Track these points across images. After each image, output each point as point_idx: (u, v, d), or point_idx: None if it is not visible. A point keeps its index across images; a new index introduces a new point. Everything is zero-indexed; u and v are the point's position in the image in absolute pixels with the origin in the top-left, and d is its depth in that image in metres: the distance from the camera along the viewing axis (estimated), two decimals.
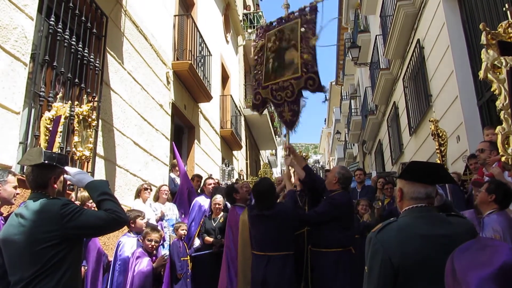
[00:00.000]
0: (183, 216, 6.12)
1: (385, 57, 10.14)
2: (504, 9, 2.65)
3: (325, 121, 43.26)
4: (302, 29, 4.39)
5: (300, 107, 4.38)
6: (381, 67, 11.29)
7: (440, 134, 4.92)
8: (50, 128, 3.39)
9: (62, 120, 3.46)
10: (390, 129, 12.02)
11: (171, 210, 5.87)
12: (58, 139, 3.43)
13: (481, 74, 2.39)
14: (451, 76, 6.54)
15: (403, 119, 10.08)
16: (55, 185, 2.29)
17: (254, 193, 4.01)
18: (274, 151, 26.50)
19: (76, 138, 3.91)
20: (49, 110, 3.68)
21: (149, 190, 5.60)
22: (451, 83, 6.58)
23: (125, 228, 4.38)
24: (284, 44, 4.55)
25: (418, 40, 8.11)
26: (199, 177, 7.12)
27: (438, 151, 4.86)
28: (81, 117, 3.96)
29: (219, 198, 5.60)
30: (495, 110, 2.60)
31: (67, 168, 2.34)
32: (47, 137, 3.36)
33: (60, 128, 3.44)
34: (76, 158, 3.94)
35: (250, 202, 4.98)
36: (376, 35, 11.86)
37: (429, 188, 1.95)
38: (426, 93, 7.86)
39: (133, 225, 4.26)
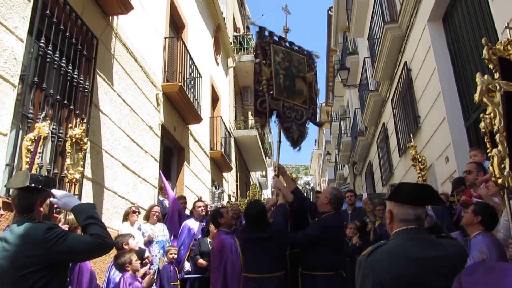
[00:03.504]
0: (172, 238, 6.04)
1: (374, 79, 10.29)
2: (504, 26, 2.73)
3: (315, 142, 43.51)
4: (311, 72, 4.64)
5: (306, 131, 4.54)
6: (370, 89, 11.45)
7: (420, 159, 5.00)
8: (32, 149, 3.36)
9: (42, 140, 3.43)
10: (379, 150, 12.11)
11: (162, 231, 5.79)
12: (37, 160, 3.39)
13: (476, 97, 2.44)
14: (439, 98, 6.65)
15: (393, 140, 10.17)
16: (41, 209, 2.26)
17: (246, 217, 4.00)
18: (264, 172, 26.46)
19: (68, 161, 3.88)
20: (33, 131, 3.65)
21: (137, 213, 5.53)
22: (438, 105, 6.69)
23: (114, 252, 4.31)
24: (293, 70, 4.69)
25: (406, 62, 8.26)
26: (183, 198, 7.06)
27: (419, 176, 4.93)
28: (74, 139, 3.94)
29: None
30: None
31: (53, 191, 2.31)
32: (27, 159, 3.33)
33: (40, 149, 3.41)
34: (67, 181, 3.90)
35: (237, 226, 4.95)
36: (364, 57, 12.06)
37: (418, 209, 1.95)
38: (414, 114, 7.97)
39: (126, 247, 4.26)
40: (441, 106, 6.52)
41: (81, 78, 5.15)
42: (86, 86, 5.24)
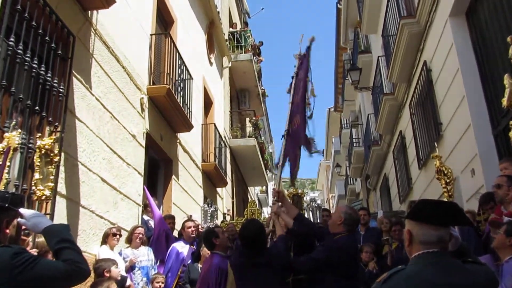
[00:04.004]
0: (158, 263, 6.00)
1: (389, 80, 10.33)
2: None
3: (323, 153, 43.52)
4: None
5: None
6: (384, 92, 11.49)
7: (446, 172, 4.99)
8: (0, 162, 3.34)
9: (11, 152, 3.42)
10: (396, 161, 12.12)
11: (146, 255, 5.76)
12: (6, 174, 3.37)
13: (504, 101, 2.44)
14: (463, 102, 6.67)
15: (411, 151, 10.18)
16: (7, 230, 2.24)
17: (241, 238, 3.97)
18: (264, 187, 26.43)
19: (36, 175, 3.85)
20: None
21: (118, 235, 5.50)
22: (462, 110, 6.71)
23: (90, 279, 4.27)
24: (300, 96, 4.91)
25: (425, 62, 8.31)
26: (171, 218, 7.05)
27: (445, 190, 4.91)
28: (43, 151, 3.91)
29: None
30: None
31: (21, 210, 2.30)
32: None
33: (9, 162, 3.39)
34: (35, 198, 3.88)
35: (232, 249, 4.93)
36: (378, 56, 12.13)
37: (441, 230, 1.94)
38: (435, 121, 7.99)
39: (107, 275, 4.25)
40: (466, 112, 6.54)
41: (55, 81, 5.16)
42: (61, 90, 5.24)
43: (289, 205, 4.47)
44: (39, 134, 4.83)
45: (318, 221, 8.11)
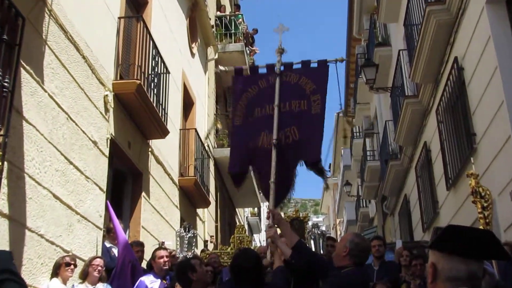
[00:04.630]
0: None
1: (412, 80, 10.40)
2: None
3: (329, 167, 43.54)
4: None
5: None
6: (406, 94, 11.56)
7: (483, 194, 5.02)
8: None
9: None
10: (420, 180, 12.17)
11: None
12: None
13: None
14: (501, 108, 6.73)
15: (438, 167, 10.23)
16: None
17: (234, 271, 3.96)
18: (256, 209, 26.42)
19: None
20: None
21: (72, 266, 5.46)
22: (501, 118, 6.76)
23: None
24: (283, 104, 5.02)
25: (456, 58, 8.38)
26: (139, 245, 7.01)
27: (481, 216, 4.94)
28: None
29: None
30: None
31: None
32: None
33: None
34: None
35: (215, 286, 4.91)
36: (399, 50, 12.22)
37: (473, 264, 1.95)
38: (468, 131, 8.04)
39: None
40: (505, 120, 6.59)
41: None
42: (5, 84, 5.23)
43: (288, 230, 4.46)
44: None
45: (322, 252, 8.11)
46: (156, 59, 9.20)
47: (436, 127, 9.93)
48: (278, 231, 4.44)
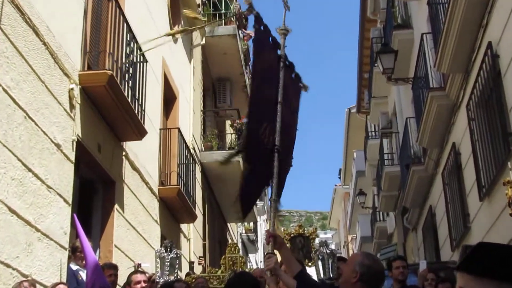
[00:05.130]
0: None
1: (438, 70, 10.40)
2: None
3: (339, 173, 43.50)
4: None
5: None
6: (431, 86, 11.57)
7: None
8: None
9: None
10: (447, 188, 12.17)
11: None
12: None
13: None
14: None
15: (469, 173, 10.24)
16: None
17: None
18: (252, 224, 26.42)
19: None
20: None
21: None
22: None
23: None
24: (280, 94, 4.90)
25: (490, 43, 8.40)
26: (112, 268, 7.01)
27: None
28: None
29: None
30: None
31: None
32: None
33: None
34: None
35: None
36: (422, 34, 12.21)
37: None
38: (504, 130, 8.06)
39: None
40: None
41: None
42: None
43: (288, 256, 4.47)
44: None
45: (331, 275, 8.13)
46: (131, 46, 9.20)
47: (467, 126, 9.92)
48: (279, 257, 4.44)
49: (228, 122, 19.23)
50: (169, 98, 13.02)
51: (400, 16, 15.35)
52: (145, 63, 9.80)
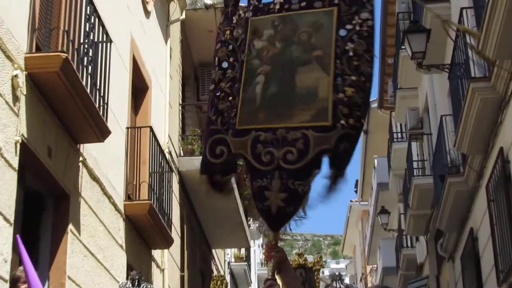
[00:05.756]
0: None
1: (481, 57, 10.42)
2: None
3: (355, 185, 43.49)
4: (343, 33, 4.70)
5: (309, 188, 4.52)
6: (473, 76, 11.60)
7: None
8: None
9: None
10: (494, 206, 12.18)
11: None
12: None
13: None
14: None
15: None
16: None
17: None
18: (243, 251, 26.41)
19: None
20: None
21: None
22: None
23: None
24: (294, 51, 4.82)
25: None
26: None
27: None
28: None
29: None
30: None
31: None
32: None
33: None
34: None
35: None
36: (461, 8, 12.26)
37: None
38: None
39: None
40: None
41: None
42: None
43: (293, 278, 4.52)
44: None
45: None
46: (92, 21, 9.20)
47: None
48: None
49: None
50: (139, 88, 13.03)
51: None
52: (109, 43, 9.80)
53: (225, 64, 4.91)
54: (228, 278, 22.37)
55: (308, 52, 4.79)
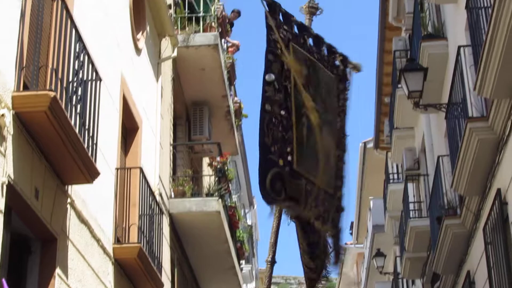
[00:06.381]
0: None
1: (479, 93, 10.43)
2: None
3: (350, 227, 43.46)
4: (340, 103, 4.97)
5: (330, 255, 4.75)
6: (470, 115, 11.61)
7: None
8: None
9: None
10: (491, 249, 12.14)
11: None
12: None
13: None
14: None
15: None
16: None
17: None
18: None
19: None
20: None
21: None
22: None
23: None
24: (320, 105, 4.94)
25: None
26: None
27: None
28: None
29: None
30: None
31: None
32: None
33: None
34: None
35: None
36: (459, 46, 12.32)
37: None
38: None
39: None
40: None
41: None
42: None
43: None
44: None
45: None
46: (81, 59, 9.19)
47: None
48: None
49: (206, 160, 19.21)
50: (129, 128, 13.02)
51: (431, 23, 15.50)
52: (98, 82, 9.78)
53: (271, 77, 4.92)
54: None
55: (326, 111, 4.98)
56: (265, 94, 4.88)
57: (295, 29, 5.14)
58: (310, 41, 5.24)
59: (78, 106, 9.07)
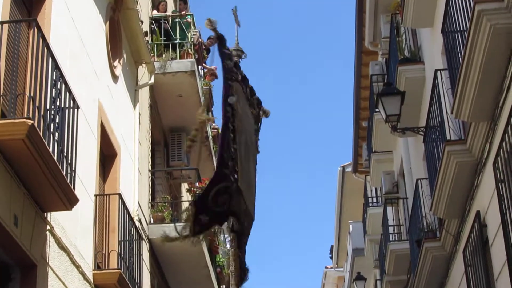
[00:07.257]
0: None
1: (457, 117, 10.50)
2: None
3: (330, 251, 43.30)
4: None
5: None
6: (448, 138, 11.68)
7: None
8: None
9: None
10: (471, 271, 12.17)
11: None
12: None
13: None
14: None
15: (498, 251, 10.27)
16: None
17: None
18: None
19: None
20: None
21: None
22: None
23: None
24: (249, 137, 5.20)
25: None
26: None
27: None
28: None
29: None
30: None
31: None
32: None
33: None
34: None
35: None
36: (436, 70, 12.35)
37: None
38: None
39: None
40: None
41: None
42: None
43: None
44: None
45: None
46: (58, 86, 9.22)
47: (495, 189, 10.00)
48: None
49: (184, 186, 19.17)
50: (108, 155, 13.01)
51: (408, 48, 15.57)
52: (76, 109, 9.81)
53: (232, 99, 5.20)
54: None
55: (254, 144, 5.25)
56: (227, 114, 5.13)
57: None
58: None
59: (56, 134, 9.08)
